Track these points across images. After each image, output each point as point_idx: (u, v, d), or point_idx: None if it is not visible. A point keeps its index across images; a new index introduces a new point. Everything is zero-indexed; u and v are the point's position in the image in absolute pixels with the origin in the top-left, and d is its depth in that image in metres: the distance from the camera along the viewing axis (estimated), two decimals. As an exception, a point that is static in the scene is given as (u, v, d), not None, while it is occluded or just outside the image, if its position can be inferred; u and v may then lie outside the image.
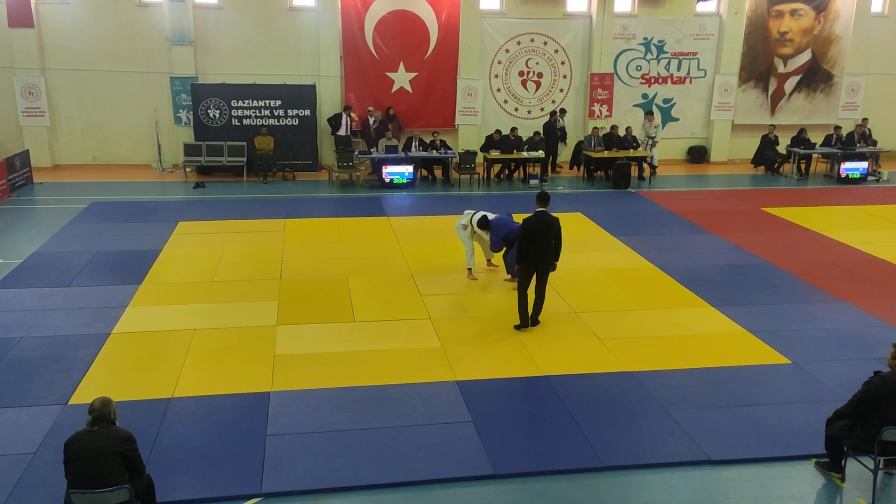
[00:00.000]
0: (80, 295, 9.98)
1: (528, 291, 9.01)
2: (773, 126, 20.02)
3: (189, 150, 17.88)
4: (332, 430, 6.78)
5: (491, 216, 10.59)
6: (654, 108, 20.48)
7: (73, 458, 4.96)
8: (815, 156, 19.58)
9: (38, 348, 8.32)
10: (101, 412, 5.06)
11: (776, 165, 19.52)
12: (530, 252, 8.77)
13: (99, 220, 13.78)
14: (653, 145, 18.79)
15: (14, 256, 11.52)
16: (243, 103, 18.11)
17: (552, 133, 18.92)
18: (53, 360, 8.02)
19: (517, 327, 9.02)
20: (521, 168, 18.33)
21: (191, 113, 18.17)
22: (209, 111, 17.99)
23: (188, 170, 17.94)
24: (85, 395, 7.21)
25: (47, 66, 18.00)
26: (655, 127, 18.76)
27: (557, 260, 8.98)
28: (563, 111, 19.70)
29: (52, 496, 5.67)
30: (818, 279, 11.03)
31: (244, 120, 18.14)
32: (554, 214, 8.95)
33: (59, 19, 17.81)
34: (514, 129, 18.45)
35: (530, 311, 9.05)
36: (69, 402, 7.16)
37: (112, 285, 10.36)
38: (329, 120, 18.38)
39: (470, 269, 10.93)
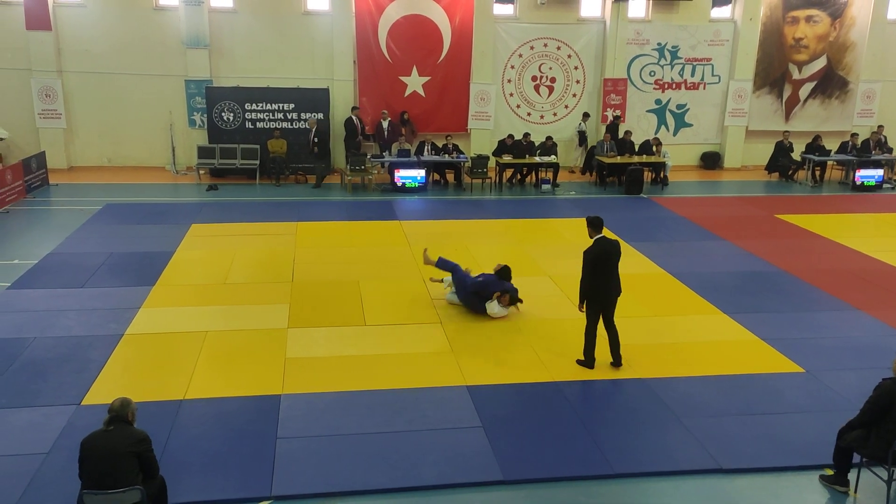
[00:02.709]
0: (94, 296, 10.05)
1: (597, 327, 8.25)
2: (788, 132, 19.92)
3: (203, 152, 17.99)
4: (342, 433, 6.79)
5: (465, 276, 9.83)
6: (668, 115, 20.46)
7: (88, 457, 4.99)
8: (829, 163, 19.45)
9: (52, 349, 8.39)
10: (119, 412, 5.09)
11: (790, 172, 19.40)
12: (598, 286, 8.04)
13: (113, 221, 13.89)
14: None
15: (30, 257, 11.62)
16: (257, 106, 18.20)
17: (615, 134, 18.95)
18: (67, 361, 8.08)
19: (581, 363, 8.26)
20: (534, 173, 18.32)
21: (205, 116, 18.28)
22: (223, 114, 18.10)
23: (201, 172, 18.04)
24: (98, 395, 7.27)
25: (64, 69, 18.17)
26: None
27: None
28: (586, 115, 19.70)
29: (64, 496, 5.70)
30: (832, 287, 10.95)
31: (258, 123, 18.23)
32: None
33: (76, 22, 17.98)
34: (526, 135, 18.44)
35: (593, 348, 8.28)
36: (82, 403, 7.21)
37: (125, 286, 10.44)
38: (346, 129, 18.27)
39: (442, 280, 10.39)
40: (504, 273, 9.84)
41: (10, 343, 8.48)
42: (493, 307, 9.51)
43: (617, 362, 8.24)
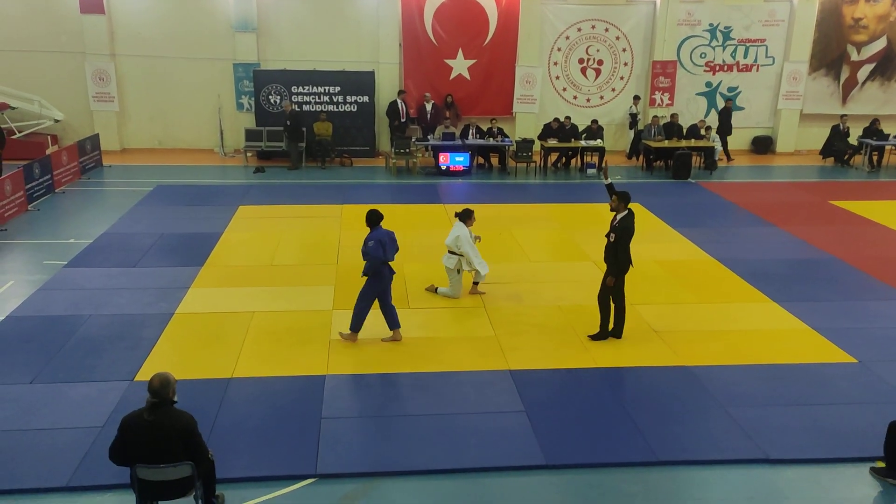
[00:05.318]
0: (146, 275, 10.31)
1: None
2: (845, 116, 19.28)
3: (250, 135, 18.25)
4: (386, 414, 6.87)
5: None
6: (718, 98, 19.99)
7: (132, 443, 4.91)
8: (888, 147, 18.79)
9: (106, 326, 8.64)
10: (160, 393, 4.90)
11: (846, 157, 18.81)
12: (627, 259, 8.25)
13: (164, 202, 14.20)
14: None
15: (85, 237, 11.96)
16: (303, 89, 18.36)
17: (727, 119, 18.73)
18: (120, 338, 8.32)
19: (612, 334, 8.48)
20: (579, 157, 18.11)
21: (252, 99, 18.53)
22: (270, 97, 18.31)
23: (249, 154, 18.30)
24: (150, 372, 7.31)
25: (117, 52, 18.56)
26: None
27: None
28: (636, 98, 19.41)
29: (118, 468, 5.84)
30: (888, 276, 10.61)
31: (304, 106, 18.37)
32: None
33: (128, 6, 18.33)
34: (567, 118, 18.22)
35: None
36: (135, 379, 7.43)
37: (175, 266, 10.68)
38: (388, 112, 18.38)
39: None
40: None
41: (66, 320, 8.78)
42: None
43: (619, 334, 8.48)
